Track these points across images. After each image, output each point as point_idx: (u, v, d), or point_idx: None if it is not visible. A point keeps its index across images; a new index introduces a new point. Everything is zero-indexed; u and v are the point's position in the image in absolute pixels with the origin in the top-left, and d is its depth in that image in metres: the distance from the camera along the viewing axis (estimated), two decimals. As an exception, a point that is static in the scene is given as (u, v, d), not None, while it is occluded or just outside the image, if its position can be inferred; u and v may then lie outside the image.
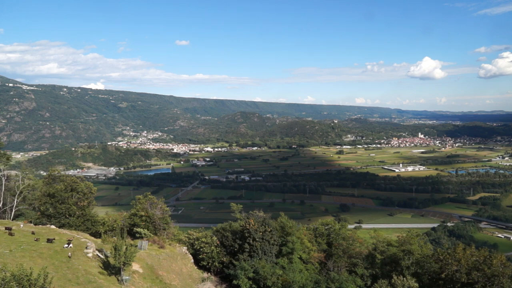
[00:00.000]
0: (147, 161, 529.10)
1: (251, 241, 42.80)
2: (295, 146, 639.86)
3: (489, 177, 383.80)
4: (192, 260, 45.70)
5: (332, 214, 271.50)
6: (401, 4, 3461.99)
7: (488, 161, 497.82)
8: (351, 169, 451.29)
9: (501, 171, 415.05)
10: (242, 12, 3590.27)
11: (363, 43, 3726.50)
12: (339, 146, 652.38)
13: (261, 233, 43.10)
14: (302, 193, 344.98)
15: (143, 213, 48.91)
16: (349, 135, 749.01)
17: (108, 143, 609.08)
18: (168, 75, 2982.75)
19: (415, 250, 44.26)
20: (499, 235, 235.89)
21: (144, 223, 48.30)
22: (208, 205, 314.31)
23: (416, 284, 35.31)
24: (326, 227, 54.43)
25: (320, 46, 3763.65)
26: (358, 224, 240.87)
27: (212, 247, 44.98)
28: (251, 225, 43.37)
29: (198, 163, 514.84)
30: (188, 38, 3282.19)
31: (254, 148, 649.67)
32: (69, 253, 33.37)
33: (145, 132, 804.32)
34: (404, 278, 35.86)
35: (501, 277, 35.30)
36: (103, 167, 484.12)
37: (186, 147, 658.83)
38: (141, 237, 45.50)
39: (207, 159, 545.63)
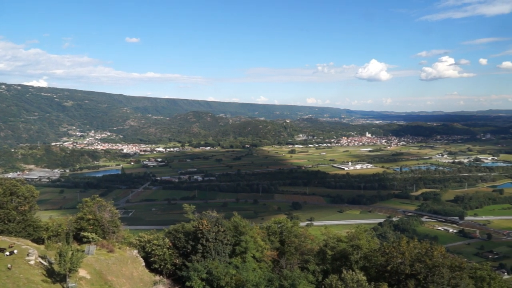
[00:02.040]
0: (95, 162, 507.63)
1: (204, 242, 42.42)
2: (248, 146, 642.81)
3: (430, 174, 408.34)
4: (144, 263, 44.52)
5: (284, 212, 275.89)
6: (349, 8, 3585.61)
7: (429, 158, 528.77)
8: (303, 168, 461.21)
9: (440, 168, 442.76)
10: (195, 11, 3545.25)
11: (314, 45, 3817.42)
12: (291, 146, 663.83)
13: (214, 234, 42.86)
14: (255, 192, 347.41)
15: (90, 217, 46.89)
16: (300, 135, 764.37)
17: (52, 144, 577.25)
18: (118, 73, 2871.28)
19: (363, 245, 46.01)
20: (439, 228, 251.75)
21: (91, 227, 46.30)
22: (160, 206, 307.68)
23: (364, 278, 36.68)
24: (279, 226, 55.14)
25: (273, 46, 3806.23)
26: (309, 222, 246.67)
27: (164, 249, 44.05)
28: (204, 226, 42.98)
29: (149, 164, 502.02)
30: (139, 36, 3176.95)
31: (207, 148, 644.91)
32: (9, 265, 31.00)
33: (93, 132, 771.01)
34: (353, 272, 37.15)
35: (441, 268, 37.59)
36: (47, 169, 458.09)
37: (137, 148, 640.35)
38: (89, 242, 43.61)
39: (159, 159, 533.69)
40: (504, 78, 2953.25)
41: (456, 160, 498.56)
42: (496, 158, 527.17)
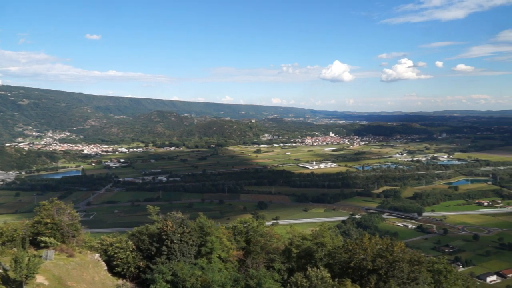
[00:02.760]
0: (54, 163, 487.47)
1: (169, 243, 41.74)
2: (214, 146, 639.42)
3: (390, 172, 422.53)
4: (106, 268, 43.19)
5: (250, 212, 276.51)
6: (313, 9, 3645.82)
7: (389, 157, 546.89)
8: (268, 168, 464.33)
9: (400, 166, 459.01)
10: (158, 9, 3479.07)
11: (278, 45, 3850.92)
12: (257, 145, 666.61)
13: (179, 235, 42.26)
14: (221, 192, 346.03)
15: (48, 220, 44.88)
16: (266, 134, 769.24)
17: (6, 145, 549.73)
18: (77, 71, 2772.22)
19: (327, 242, 46.88)
20: (399, 224, 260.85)
21: (50, 231, 44.33)
22: (123, 208, 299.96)
23: (328, 274, 37.37)
24: (245, 225, 55.12)
25: (238, 46, 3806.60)
26: (275, 221, 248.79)
27: (127, 252, 42.94)
28: (168, 227, 42.29)
29: (111, 165, 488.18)
30: (100, 32, 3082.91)
31: (172, 148, 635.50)
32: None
33: (51, 132, 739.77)
34: (318, 270, 37.75)
35: (401, 262, 38.94)
36: (0, 171, 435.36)
37: (98, 148, 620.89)
38: (47, 247, 41.79)
39: (122, 160, 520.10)
40: (458, 80, 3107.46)
41: (415, 159, 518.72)
42: (451, 156, 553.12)
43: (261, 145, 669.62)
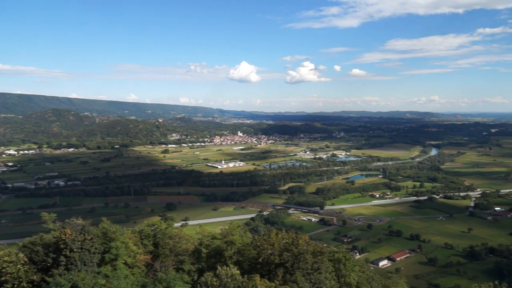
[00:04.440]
0: None
1: (68, 253, 38.47)
2: (118, 147, 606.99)
3: (295, 169, 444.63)
4: (-9, 285, 38.34)
5: (158, 214, 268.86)
6: (221, 9, 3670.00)
7: (294, 155, 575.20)
8: (177, 168, 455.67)
9: (304, 164, 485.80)
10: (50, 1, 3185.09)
11: (186, 43, 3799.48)
12: (165, 145, 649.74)
13: (79, 242, 39.22)
14: (127, 195, 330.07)
15: None
16: (174, 134, 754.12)
17: None
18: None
19: (237, 240, 47.56)
20: (304, 218, 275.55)
21: None
22: (12, 217, 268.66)
23: (238, 272, 37.92)
24: (152, 228, 53.28)
25: (144, 43, 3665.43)
26: (184, 222, 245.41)
27: (18, 266, 38.55)
28: (67, 235, 38.97)
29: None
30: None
31: (71, 150, 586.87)
32: None
33: None
34: (228, 268, 38.11)
35: (305, 254, 41.16)
36: None
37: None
38: None
39: (10, 163, 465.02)
40: (353, 83, 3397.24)
41: (317, 156, 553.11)
42: (348, 153, 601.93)
43: (169, 145, 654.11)
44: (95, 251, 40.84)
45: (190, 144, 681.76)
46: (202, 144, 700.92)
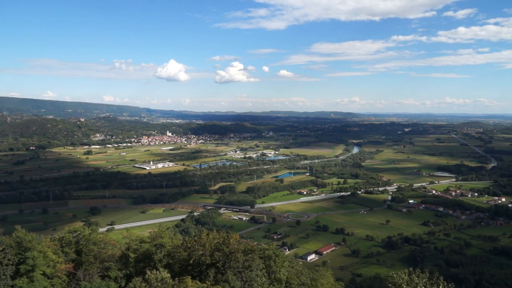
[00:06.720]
0: None
1: (-26, 267, 34.82)
2: (34, 148, 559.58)
3: (226, 169, 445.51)
4: None
5: (81, 219, 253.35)
6: (147, 6, 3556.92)
7: (224, 155, 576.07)
8: (102, 170, 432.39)
9: (234, 163, 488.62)
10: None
11: (109, 40, 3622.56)
12: (87, 146, 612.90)
13: (-11, 255, 35.70)
14: (45, 200, 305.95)
15: None
16: (98, 134, 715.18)
17: None
18: None
19: (167, 243, 46.54)
20: (235, 217, 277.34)
21: None
22: None
23: (168, 275, 37.12)
24: (74, 235, 50.16)
25: (62, 38, 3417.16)
26: (110, 226, 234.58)
27: None
28: (-26, 247, 35.26)
29: None
30: None
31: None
32: None
33: None
34: (157, 271, 37.13)
35: (236, 253, 41.58)
36: None
37: None
38: None
39: None
40: (281, 84, 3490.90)
41: (247, 156, 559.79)
42: (277, 152, 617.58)
43: (93, 146, 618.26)
44: (8, 262, 37.53)
45: (116, 145, 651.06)
46: (129, 144, 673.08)
